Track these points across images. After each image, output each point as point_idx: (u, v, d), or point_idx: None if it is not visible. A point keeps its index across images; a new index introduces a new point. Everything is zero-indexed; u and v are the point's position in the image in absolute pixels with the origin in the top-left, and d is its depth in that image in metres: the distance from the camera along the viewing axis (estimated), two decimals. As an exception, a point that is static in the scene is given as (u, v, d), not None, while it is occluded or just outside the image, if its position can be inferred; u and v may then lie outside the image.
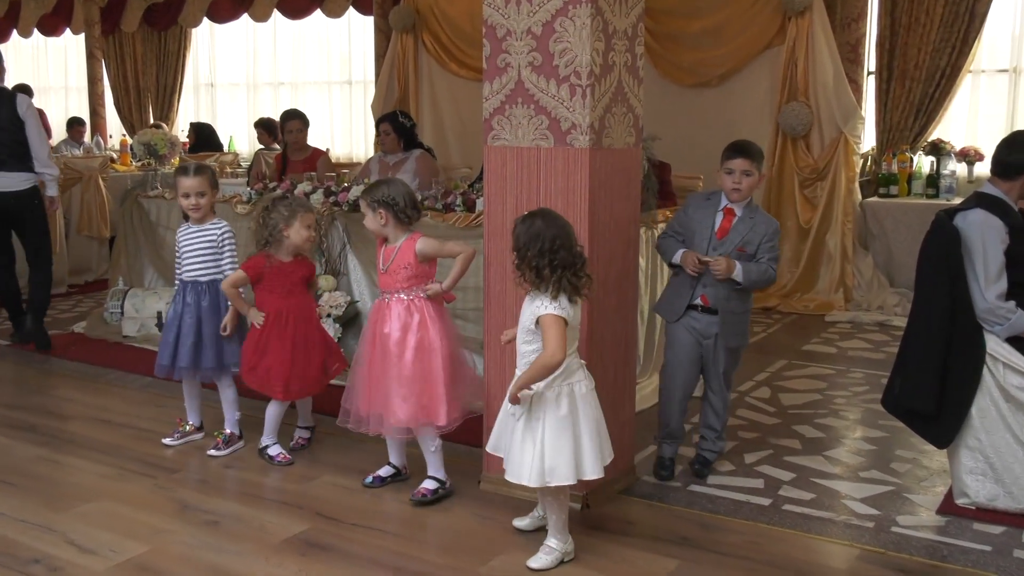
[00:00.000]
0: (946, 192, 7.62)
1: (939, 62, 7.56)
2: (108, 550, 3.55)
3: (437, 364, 3.86)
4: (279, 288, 4.29)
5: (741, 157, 4.02)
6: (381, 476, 4.15)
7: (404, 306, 3.90)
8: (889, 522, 3.78)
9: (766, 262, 4.01)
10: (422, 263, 3.91)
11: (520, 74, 3.75)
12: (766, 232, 4.02)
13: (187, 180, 4.47)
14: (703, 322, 4.08)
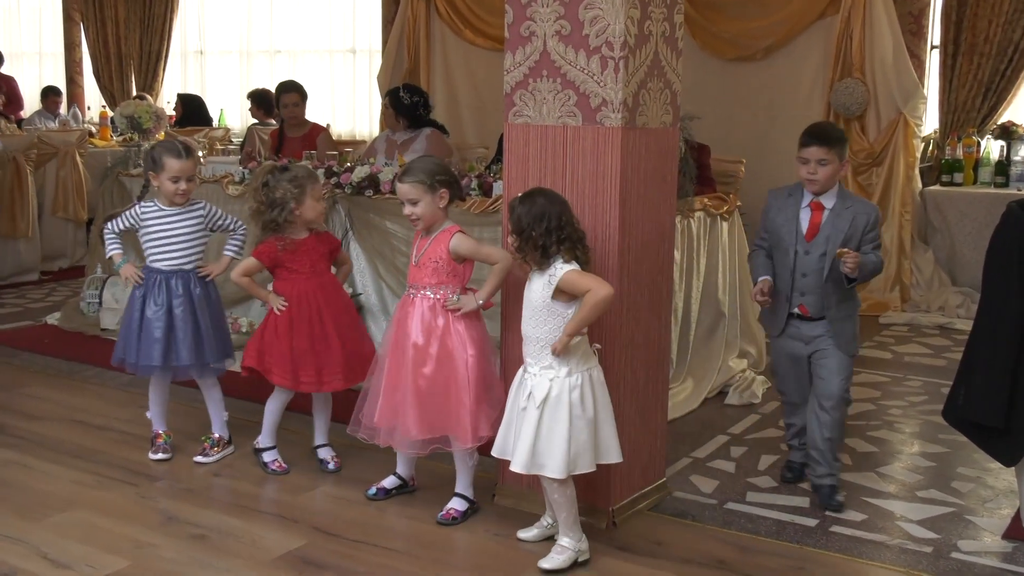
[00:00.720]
0: (1017, 180, 7.59)
1: (1012, 35, 7.53)
2: (85, 565, 3.57)
3: (461, 375, 3.80)
4: (304, 268, 4.29)
5: (816, 144, 3.97)
6: (386, 488, 4.16)
7: (429, 305, 3.85)
8: (949, 547, 3.78)
9: (871, 252, 3.99)
10: (455, 261, 3.86)
11: (546, 44, 3.75)
12: (868, 221, 3.98)
13: (178, 163, 4.41)
14: (804, 329, 4.09)
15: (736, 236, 5.85)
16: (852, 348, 4.08)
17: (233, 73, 12.49)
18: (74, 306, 7.03)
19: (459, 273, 3.88)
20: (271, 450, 4.43)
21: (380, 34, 10.32)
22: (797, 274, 4.04)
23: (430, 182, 3.83)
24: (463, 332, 3.83)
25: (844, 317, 4.04)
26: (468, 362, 3.81)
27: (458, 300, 3.84)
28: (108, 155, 9.14)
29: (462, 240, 3.86)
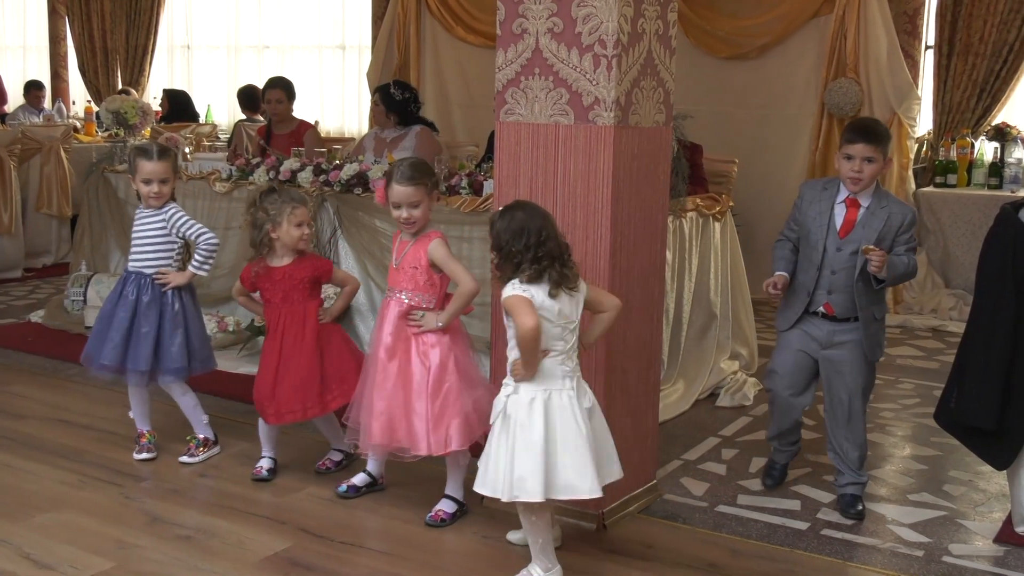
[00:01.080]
0: (1011, 182, 7.62)
1: (1007, 36, 7.56)
2: (68, 566, 3.57)
3: (418, 384, 3.81)
4: (275, 295, 4.24)
5: (864, 141, 3.89)
6: (356, 485, 4.18)
7: (401, 309, 3.88)
8: (941, 551, 3.80)
9: (904, 253, 3.92)
10: (435, 270, 3.87)
11: (538, 41, 3.76)
12: (903, 222, 3.92)
13: (148, 164, 4.41)
14: (824, 330, 4.02)
15: (728, 237, 5.86)
16: (877, 354, 4.05)
17: (220, 69, 12.47)
18: (58, 304, 7.01)
19: (435, 284, 3.87)
20: (262, 458, 4.40)
21: (370, 30, 10.31)
22: (826, 271, 3.97)
23: (429, 184, 3.87)
24: (430, 340, 3.85)
25: (872, 319, 3.98)
26: (431, 370, 3.81)
27: (422, 317, 3.86)
28: (93, 150, 9.11)
29: (438, 248, 3.85)
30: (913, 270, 4.00)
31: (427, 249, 3.85)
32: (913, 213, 4.00)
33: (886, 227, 3.91)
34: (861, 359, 4.02)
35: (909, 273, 4.00)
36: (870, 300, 3.96)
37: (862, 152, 3.88)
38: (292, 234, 4.18)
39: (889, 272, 3.87)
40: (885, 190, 4.03)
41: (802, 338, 4.08)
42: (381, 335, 3.92)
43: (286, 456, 4.50)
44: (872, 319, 3.98)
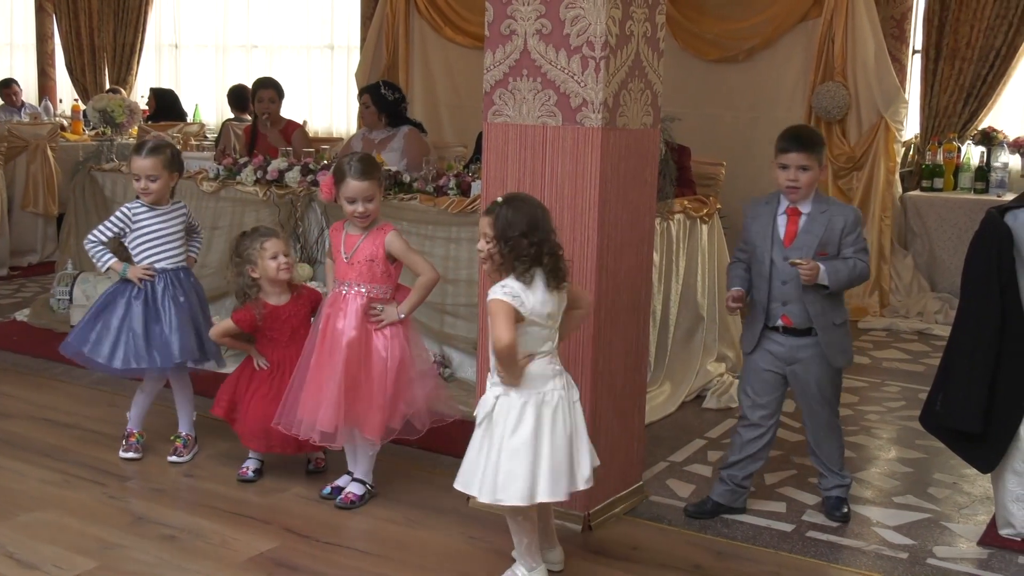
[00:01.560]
0: (997, 187, 7.65)
1: (994, 41, 7.59)
2: (52, 566, 3.56)
3: (378, 373, 3.91)
4: (283, 335, 4.27)
5: (797, 150, 3.85)
6: (340, 487, 4.18)
7: (363, 302, 3.94)
8: (925, 553, 3.81)
9: (852, 255, 3.86)
10: (391, 261, 3.96)
11: (526, 43, 3.76)
12: (845, 224, 3.86)
13: (138, 160, 4.44)
14: (787, 345, 3.95)
15: (716, 239, 5.88)
16: (841, 359, 3.97)
17: (208, 68, 12.43)
18: (44, 302, 6.99)
19: (391, 275, 3.98)
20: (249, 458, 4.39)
21: (358, 30, 10.30)
22: (776, 282, 3.92)
23: (381, 179, 4.00)
24: (388, 331, 3.95)
25: (831, 326, 3.91)
26: (388, 363, 3.92)
27: (382, 311, 3.93)
28: (80, 149, 9.08)
29: (395, 239, 3.95)
30: (862, 272, 3.89)
31: (384, 241, 3.93)
32: (856, 214, 3.93)
33: (828, 231, 3.85)
34: (825, 369, 3.94)
35: (857, 276, 3.89)
36: (824, 307, 3.89)
37: (796, 161, 3.84)
38: (269, 267, 4.19)
39: (833, 278, 3.80)
40: (825, 195, 3.99)
41: (768, 358, 3.99)
42: (335, 327, 3.93)
43: (271, 456, 4.49)
44: (831, 326, 3.90)
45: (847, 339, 4.00)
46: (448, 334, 5.48)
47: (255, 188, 6.02)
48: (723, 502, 4.09)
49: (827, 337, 3.91)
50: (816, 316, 3.89)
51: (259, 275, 4.22)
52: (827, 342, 3.91)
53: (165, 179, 4.49)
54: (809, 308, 3.88)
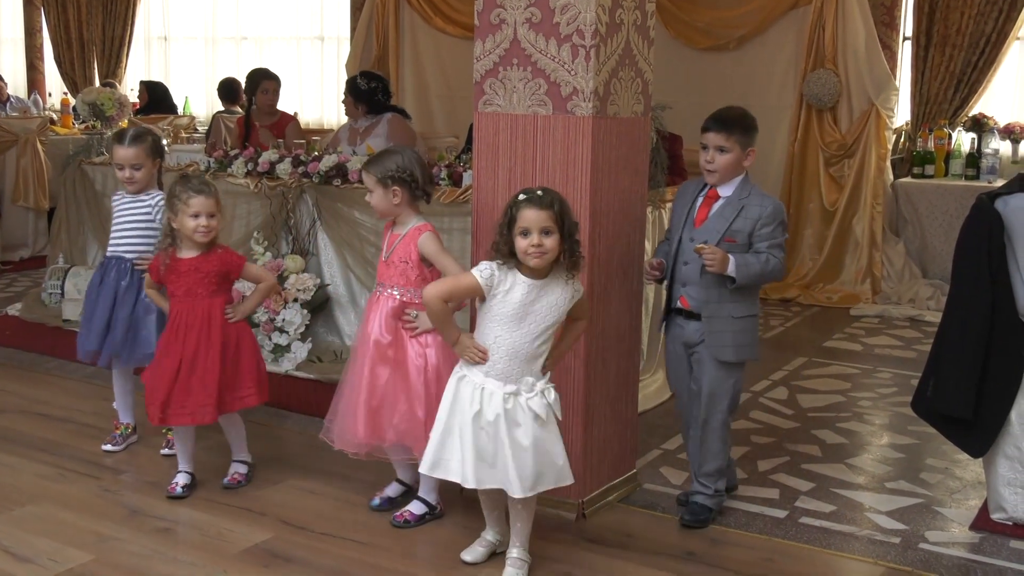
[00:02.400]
0: (988, 173, 7.67)
1: (984, 27, 7.60)
2: (47, 559, 3.56)
3: (415, 384, 3.74)
4: (178, 288, 4.06)
5: (715, 130, 3.73)
6: (390, 497, 4.05)
7: (394, 305, 3.79)
8: (917, 538, 3.83)
9: (766, 251, 3.69)
10: (425, 265, 3.79)
11: (516, 32, 3.76)
12: (760, 215, 3.70)
13: (120, 150, 4.41)
14: (688, 329, 3.84)
15: (707, 227, 5.87)
16: (727, 354, 3.76)
17: (198, 60, 12.40)
18: (35, 297, 6.98)
19: (427, 279, 3.75)
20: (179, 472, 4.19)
21: (348, 21, 10.28)
22: (679, 262, 3.80)
23: (380, 177, 3.79)
24: (426, 339, 3.78)
25: (726, 316, 3.74)
26: (426, 372, 3.75)
27: (416, 317, 3.76)
28: (70, 143, 9.04)
29: (428, 241, 3.77)
30: (775, 269, 3.71)
31: (417, 242, 3.77)
32: (776, 207, 3.74)
33: (740, 219, 3.70)
34: (711, 363, 3.79)
35: (768, 273, 3.71)
36: (722, 295, 3.73)
37: (713, 141, 3.74)
38: (187, 224, 3.97)
39: (742, 271, 3.65)
40: (752, 184, 3.82)
41: (671, 342, 3.96)
42: (369, 331, 3.82)
43: (264, 448, 4.50)
44: (727, 317, 3.74)
45: (745, 335, 3.79)
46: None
47: (246, 180, 6.00)
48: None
49: (714, 326, 3.75)
50: (706, 302, 3.75)
51: (177, 227, 4.04)
52: (712, 331, 3.75)
53: (148, 167, 4.48)
54: (701, 292, 3.76)
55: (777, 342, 6.66)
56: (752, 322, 3.82)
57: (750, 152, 3.80)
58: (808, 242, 8.01)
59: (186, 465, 4.18)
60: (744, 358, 3.84)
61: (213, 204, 4.01)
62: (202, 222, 3.98)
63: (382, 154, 3.93)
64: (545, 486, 3.37)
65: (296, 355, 5.63)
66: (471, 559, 3.59)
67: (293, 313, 5.62)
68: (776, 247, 3.71)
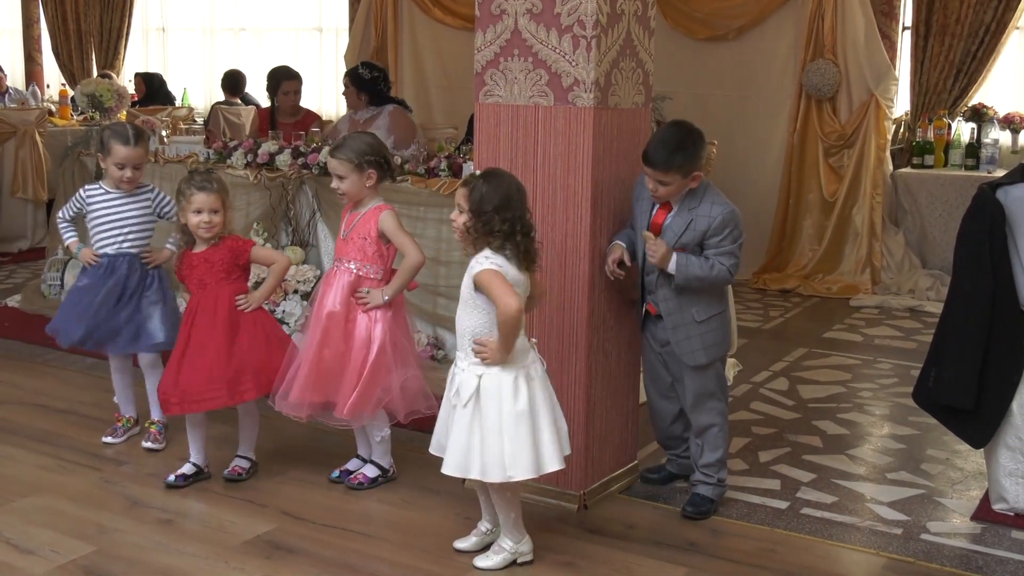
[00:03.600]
0: (987, 163, 7.66)
1: (983, 17, 7.59)
2: (49, 550, 3.56)
3: (358, 353, 3.87)
4: (192, 283, 4.10)
5: (651, 168, 3.66)
6: (349, 470, 4.19)
7: (350, 279, 3.93)
8: (919, 529, 3.83)
9: (713, 257, 3.68)
10: (383, 242, 3.94)
11: (517, 22, 3.75)
12: (709, 226, 3.68)
13: (125, 149, 4.37)
14: (659, 326, 3.90)
15: (707, 218, 5.86)
16: (699, 358, 3.79)
17: (196, 51, 12.37)
18: (35, 288, 6.97)
19: (383, 255, 3.95)
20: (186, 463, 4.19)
21: (347, 12, 10.26)
22: (644, 272, 3.85)
23: (358, 161, 3.90)
24: (376, 314, 3.92)
25: (685, 323, 3.77)
26: (372, 344, 3.88)
27: (367, 293, 3.91)
28: (68, 134, 9.04)
29: (388, 219, 3.93)
30: (720, 275, 3.68)
31: (377, 219, 3.91)
32: (724, 218, 3.69)
33: (690, 230, 3.69)
34: (684, 369, 3.84)
35: (712, 279, 3.69)
36: (682, 301, 3.75)
37: (653, 176, 3.67)
38: (191, 221, 4.00)
39: (682, 270, 3.66)
40: (707, 192, 3.74)
41: (649, 342, 3.99)
42: (324, 303, 3.94)
43: (266, 440, 4.49)
44: (690, 322, 3.76)
45: (711, 335, 3.80)
46: (441, 316, 5.47)
47: (246, 172, 5.99)
48: (676, 471, 4.18)
49: (680, 333, 3.79)
50: (671, 311, 3.79)
51: (184, 222, 4.06)
52: (679, 339, 3.79)
53: (142, 167, 4.49)
54: (666, 302, 3.79)
55: (777, 333, 6.66)
56: (718, 320, 3.83)
57: (695, 176, 3.70)
58: (808, 233, 8.00)
59: (195, 456, 4.18)
60: (715, 357, 3.86)
61: (215, 199, 4.01)
62: (204, 218, 3.99)
63: (348, 140, 4.02)
64: (471, 475, 3.35)
65: (296, 346, 5.62)
66: (463, 547, 3.62)
67: (293, 304, 5.62)
68: (724, 254, 3.70)
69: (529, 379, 3.33)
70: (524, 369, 3.33)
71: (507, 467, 3.28)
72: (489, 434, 3.29)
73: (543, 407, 3.34)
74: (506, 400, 3.28)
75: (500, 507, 3.47)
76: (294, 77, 7.37)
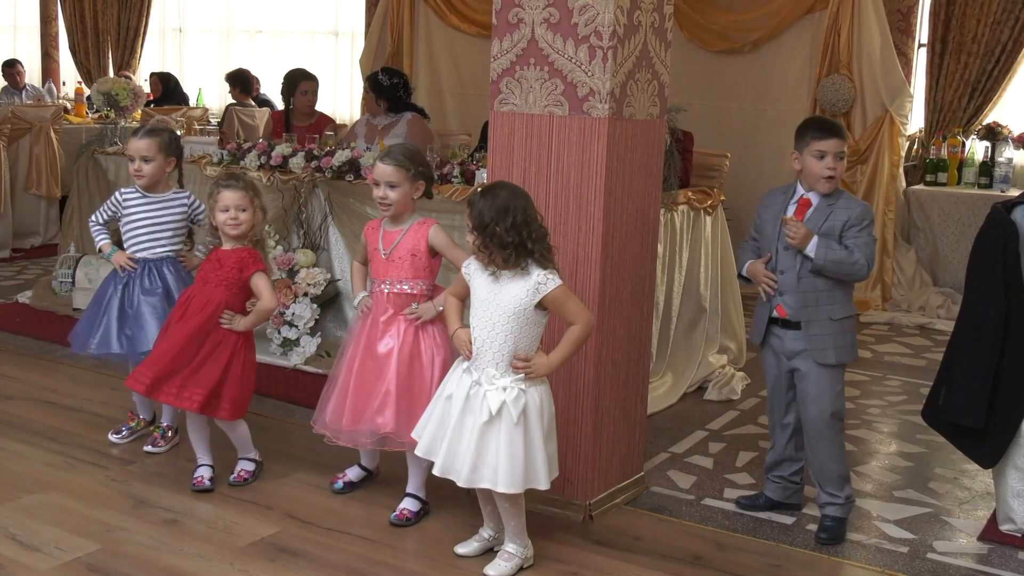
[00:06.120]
0: (1001, 182, 7.65)
1: (1000, 35, 7.58)
2: (54, 547, 3.57)
3: (427, 377, 3.77)
4: (199, 273, 4.12)
5: (836, 136, 3.74)
6: (352, 480, 4.15)
7: (405, 301, 3.82)
8: (925, 548, 3.82)
9: (853, 248, 3.71)
10: (431, 256, 3.83)
11: (534, 32, 3.75)
12: (848, 218, 3.72)
13: (133, 141, 4.44)
14: (785, 338, 3.86)
15: (719, 230, 5.87)
16: (828, 356, 3.78)
17: (213, 52, 12.41)
18: (46, 285, 6.98)
19: (433, 270, 3.86)
20: (200, 465, 4.18)
21: (363, 16, 10.28)
22: (777, 271, 3.84)
23: (413, 171, 3.81)
24: (434, 334, 3.83)
25: (825, 319, 3.76)
26: (435, 364, 3.79)
27: (417, 308, 3.81)
28: (83, 132, 9.06)
29: (440, 233, 3.84)
30: (857, 263, 3.69)
31: (427, 234, 3.81)
32: (863, 210, 3.78)
33: (829, 222, 3.73)
34: (813, 367, 3.80)
35: (851, 265, 3.69)
36: (820, 298, 3.76)
37: (835, 148, 3.74)
38: (218, 218, 4.00)
39: (821, 252, 3.67)
40: (840, 190, 3.84)
41: (769, 355, 3.95)
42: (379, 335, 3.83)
43: (272, 442, 4.50)
44: (826, 320, 3.76)
45: (844, 336, 3.81)
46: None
47: (259, 173, 6.00)
48: (774, 497, 4.07)
49: (814, 329, 3.78)
50: (803, 307, 3.78)
51: (214, 221, 4.06)
52: (812, 334, 3.78)
53: (160, 162, 4.45)
54: (798, 299, 3.79)
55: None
56: (850, 323, 3.85)
57: None
58: (819, 247, 7.99)
59: (205, 458, 4.18)
60: (845, 360, 3.85)
61: (242, 197, 4.00)
62: (230, 215, 3.99)
63: (405, 148, 3.94)
64: (482, 483, 3.38)
65: (305, 349, 5.63)
66: (464, 552, 3.63)
67: (303, 307, 5.62)
68: (863, 245, 3.73)
69: (544, 395, 3.42)
70: (544, 384, 3.43)
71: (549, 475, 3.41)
72: (535, 446, 3.36)
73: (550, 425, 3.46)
74: (546, 410, 3.39)
75: (509, 514, 3.47)
76: (312, 78, 7.39)
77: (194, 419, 4.12)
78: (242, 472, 4.18)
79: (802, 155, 3.81)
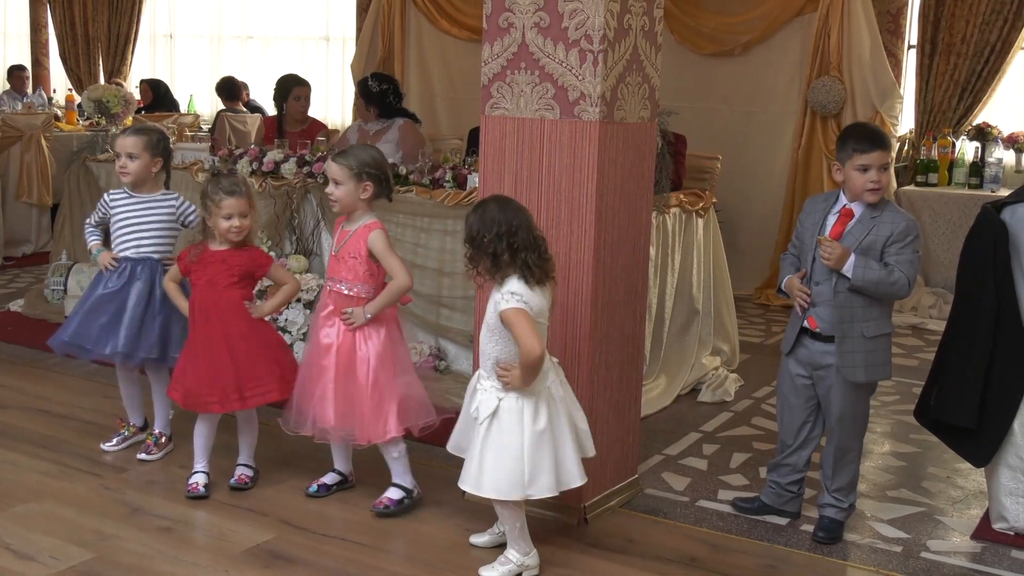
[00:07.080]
0: (991, 182, 7.67)
1: (988, 36, 7.61)
2: (48, 556, 3.56)
3: (361, 376, 3.85)
4: (201, 278, 4.08)
5: (880, 148, 3.62)
6: (326, 484, 4.17)
7: (343, 301, 3.90)
8: (919, 547, 3.83)
9: (893, 264, 3.59)
10: (371, 259, 3.88)
11: (524, 36, 3.76)
12: (892, 232, 3.60)
13: (119, 138, 4.48)
14: (813, 349, 3.77)
15: (711, 233, 5.88)
16: (859, 375, 3.68)
17: (203, 58, 12.40)
18: (38, 293, 6.98)
19: (375, 274, 3.89)
20: (195, 472, 4.18)
21: (354, 21, 10.28)
22: (812, 282, 3.73)
23: (357, 170, 3.86)
24: (367, 331, 3.88)
25: (858, 336, 3.66)
26: (370, 363, 3.85)
27: (351, 313, 3.86)
28: (74, 139, 9.04)
29: (377, 238, 3.87)
30: (898, 282, 3.58)
31: (367, 238, 3.87)
32: (908, 225, 3.64)
33: (871, 237, 3.62)
34: (841, 383, 3.72)
35: (891, 285, 3.59)
36: (855, 314, 3.65)
37: (879, 160, 3.62)
38: (220, 225, 4.01)
39: (859, 272, 3.57)
40: (886, 200, 3.73)
41: (794, 365, 3.86)
42: (320, 326, 3.95)
43: (266, 449, 4.49)
44: (859, 336, 3.66)
45: (876, 355, 3.70)
46: (444, 326, 5.48)
47: (251, 180, 5.99)
48: (769, 503, 4.05)
49: (847, 346, 3.67)
50: (838, 322, 3.67)
51: (211, 224, 4.06)
52: (844, 351, 3.67)
53: (145, 161, 4.44)
54: (833, 313, 3.68)
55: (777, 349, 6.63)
56: (885, 341, 3.74)
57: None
58: (811, 249, 8.01)
59: (202, 463, 4.19)
60: (876, 379, 3.78)
61: (245, 204, 4.05)
62: (235, 223, 4.02)
63: (354, 148, 4.03)
64: (484, 493, 3.42)
65: (298, 355, 5.62)
66: (478, 543, 3.72)
67: (296, 313, 5.62)
68: (904, 263, 3.61)
69: (550, 399, 3.40)
70: (546, 390, 3.40)
71: (527, 485, 3.36)
72: (507, 454, 3.35)
73: (564, 426, 3.43)
74: (527, 421, 3.36)
75: (504, 518, 3.51)
76: (305, 84, 7.39)
77: (206, 423, 4.16)
78: (243, 476, 4.19)
79: (844, 167, 3.70)
